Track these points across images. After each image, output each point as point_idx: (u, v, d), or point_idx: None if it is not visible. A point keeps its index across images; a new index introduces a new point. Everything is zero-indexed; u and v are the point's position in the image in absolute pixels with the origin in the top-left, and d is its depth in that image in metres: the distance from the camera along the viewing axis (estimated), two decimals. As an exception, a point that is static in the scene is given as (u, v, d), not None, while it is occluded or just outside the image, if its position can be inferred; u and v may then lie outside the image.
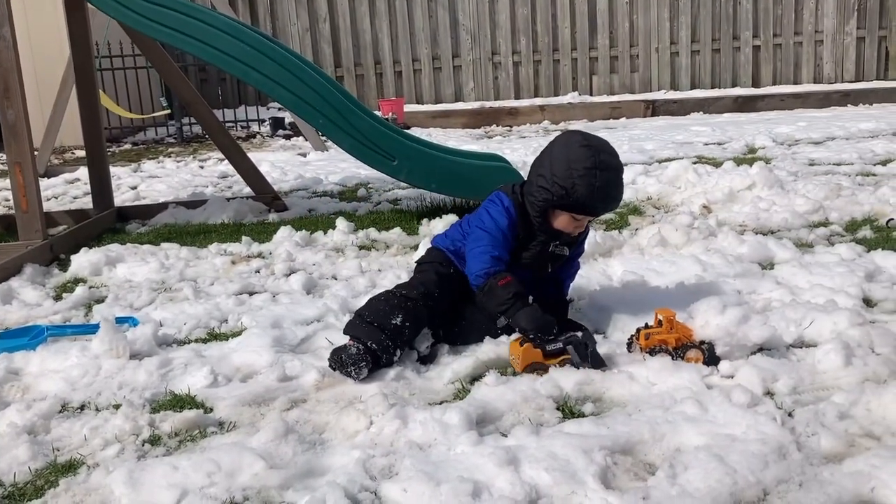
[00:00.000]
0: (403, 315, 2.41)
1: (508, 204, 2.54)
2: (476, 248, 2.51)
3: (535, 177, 2.50)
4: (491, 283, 2.43)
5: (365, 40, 11.42)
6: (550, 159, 2.47)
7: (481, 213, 2.58)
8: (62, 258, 3.91)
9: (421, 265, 2.69)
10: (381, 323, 2.39)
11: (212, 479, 1.83)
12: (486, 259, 2.47)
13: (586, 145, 2.42)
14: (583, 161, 2.38)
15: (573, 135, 2.50)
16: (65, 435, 2.12)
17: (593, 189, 2.38)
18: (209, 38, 4.07)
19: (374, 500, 1.75)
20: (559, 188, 2.41)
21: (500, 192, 2.60)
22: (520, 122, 10.20)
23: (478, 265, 2.47)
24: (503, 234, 2.51)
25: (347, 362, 2.32)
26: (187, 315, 2.98)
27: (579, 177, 2.38)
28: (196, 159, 8.07)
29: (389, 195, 5.41)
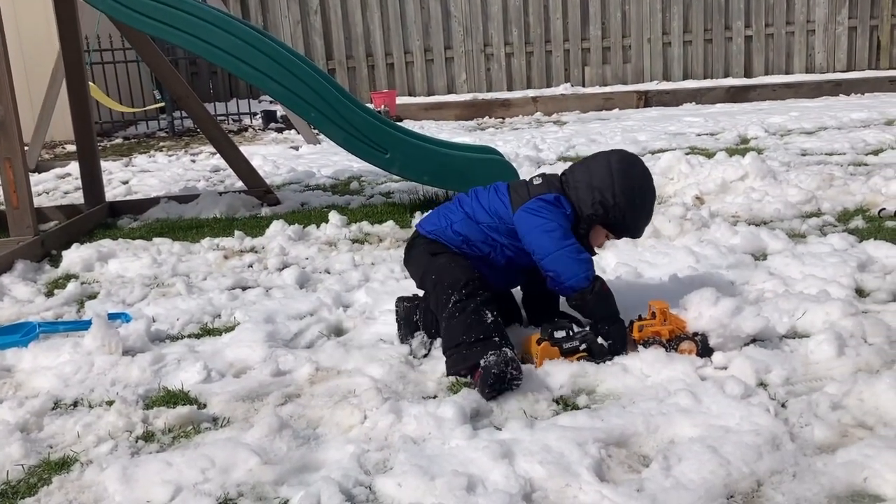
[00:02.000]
0: (484, 305, 2.27)
1: (570, 212, 2.41)
2: (568, 245, 2.33)
3: (591, 189, 2.39)
4: (598, 287, 2.33)
5: (356, 33, 11.38)
6: (613, 178, 2.38)
7: (551, 210, 2.37)
8: (53, 254, 3.90)
9: (438, 255, 2.45)
10: (482, 331, 2.23)
11: (206, 476, 1.83)
12: (587, 259, 2.35)
13: (649, 176, 2.48)
14: (648, 193, 2.45)
15: (637, 161, 2.49)
16: (58, 432, 2.11)
17: (643, 219, 2.49)
18: (199, 32, 4.04)
19: (369, 494, 1.75)
20: (619, 211, 2.39)
21: (561, 197, 2.41)
22: (512, 113, 10.18)
23: (582, 267, 2.32)
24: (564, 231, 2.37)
25: (510, 371, 2.11)
26: (180, 310, 2.97)
27: (640, 205, 2.44)
28: (188, 153, 8.04)
29: (382, 188, 5.40)
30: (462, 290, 2.30)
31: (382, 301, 2.94)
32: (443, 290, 2.35)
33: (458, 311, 2.28)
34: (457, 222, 2.48)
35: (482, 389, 2.11)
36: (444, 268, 2.39)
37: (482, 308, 2.27)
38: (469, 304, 2.28)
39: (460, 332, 2.25)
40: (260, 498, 1.77)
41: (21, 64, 8.70)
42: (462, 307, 2.28)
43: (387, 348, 2.54)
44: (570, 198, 2.43)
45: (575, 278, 2.32)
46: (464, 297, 2.30)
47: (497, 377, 2.10)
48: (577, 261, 2.33)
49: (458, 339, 2.25)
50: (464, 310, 2.28)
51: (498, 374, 2.10)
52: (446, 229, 2.49)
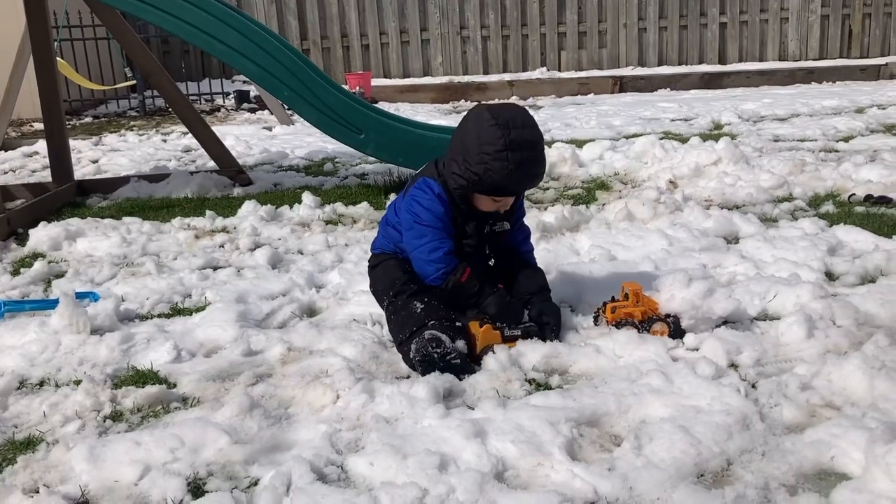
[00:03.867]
0: (417, 300, 2.30)
1: (439, 190, 2.34)
2: (421, 245, 2.34)
3: (449, 160, 2.33)
4: (453, 280, 2.33)
5: (331, 12, 11.27)
6: (462, 142, 2.28)
7: (412, 205, 2.36)
8: (20, 232, 3.82)
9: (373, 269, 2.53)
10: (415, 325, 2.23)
11: (175, 455, 1.80)
12: (439, 257, 2.32)
13: (495, 124, 2.21)
14: (493, 143, 2.20)
15: (482, 113, 2.27)
16: (23, 412, 2.07)
17: (507, 172, 2.22)
18: (171, 8, 3.97)
19: (341, 473, 1.74)
20: (472, 174, 2.25)
21: (426, 179, 2.38)
22: (488, 97, 10.16)
23: (431, 268, 2.33)
24: (443, 222, 2.34)
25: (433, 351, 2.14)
26: (150, 290, 2.93)
27: (492, 160, 2.21)
28: (159, 133, 7.93)
29: (356, 170, 5.36)
30: (390, 292, 2.39)
31: (356, 282, 2.92)
32: (379, 298, 2.48)
33: (392, 312, 2.36)
34: (382, 230, 2.56)
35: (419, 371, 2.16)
36: (376, 278, 2.51)
37: (410, 301, 2.31)
38: (398, 302, 2.34)
39: (397, 330, 2.32)
40: (230, 477, 1.75)
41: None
42: (394, 308, 2.36)
43: (360, 329, 2.52)
44: (444, 174, 2.37)
45: (427, 278, 2.36)
46: (393, 298, 2.37)
47: (422, 361, 2.14)
48: (426, 262, 2.34)
49: (397, 337, 2.31)
50: (395, 310, 2.34)
51: (421, 359, 2.14)
52: (382, 238, 2.55)
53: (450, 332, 2.20)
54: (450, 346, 2.17)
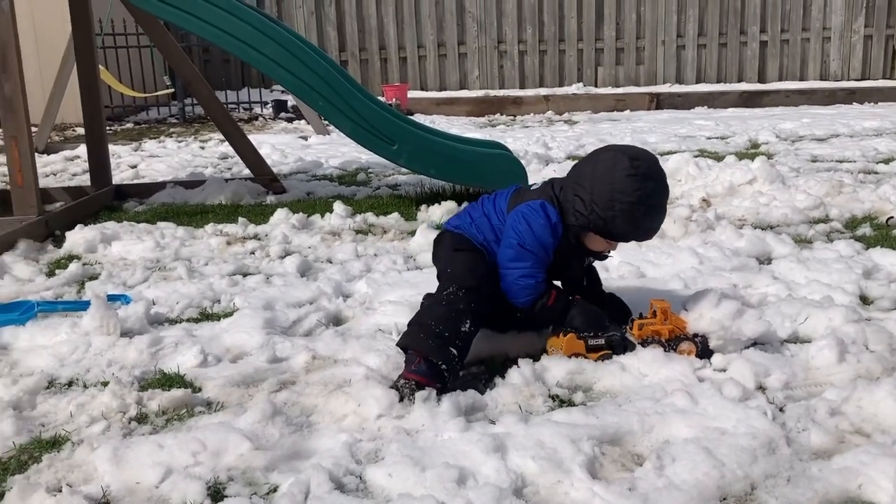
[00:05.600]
0: (471, 318, 2.21)
1: (556, 220, 2.31)
2: (517, 268, 2.31)
3: (572, 196, 2.29)
4: (541, 303, 2.31)
5: (370, 25, 11.37)
6: (593, 180, 2.25)
7: (519, 224, 2.31)
8: (57, 234, 3.90)
9: (460, 251, 2.41)
10: (451, 332, 2.16)
11: (197, 459, 1.81)
12: (531, 285, 2.30)
13: (634, 175, 2.19)
14: (629, 195, 2.19)
15: (621, 158, 2.23)
16: (51, 411, 2.10)
17: (635, 225, 2.25)
18: (210, 17, 4.03)
19: (359, 484, 1.74)
20: (598, 217, 2.24)
21: (546, 203, 2.33)
22: (524, 111, 10.17)
23: (522, 293, 2.31)
24: (545, 251, 2.31)
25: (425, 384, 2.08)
26: (180, 294, 2.96)
27: (621, 211, 2.20)
28: (197, 140, 8.05)
29: (389, 180, 5.39)
30: (461, 290, 2.27)
31: (383, 292, 2.93)
32: (447, 279, 2.34)
33: (445, 301, 2.26)
34: (476, 219, 2.48)
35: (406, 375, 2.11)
36: (459, 264, 2.37)
37: (465, 315, 2.22)
38: (458, 305, 2.24)
39: (433, 316, 2.21)
40: (250, 483, 1.76)
41: (33, 45, 8.74)
42: (451, 300, 2.25)
43: (384, 339, 2.52)
44: (560, 203, 2.35)
45: (515, 300, 2.34)
46: (459, 295, 2.26)
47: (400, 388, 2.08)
48: (519, 287, 2.31)
49: (427, 320, 2.21)
50: (451, 304, 2.24)
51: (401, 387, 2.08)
52: (469, 226, 2.48)
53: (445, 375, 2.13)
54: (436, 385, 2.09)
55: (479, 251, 2.42)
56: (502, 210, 2.44)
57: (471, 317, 2.23)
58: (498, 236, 2.41)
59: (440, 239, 2.55)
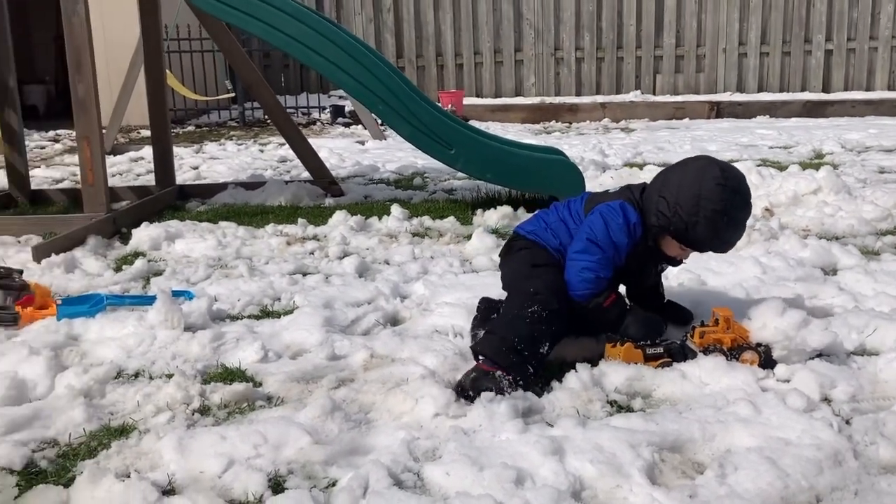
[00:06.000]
0: (550, 341, 2.21)
1: (636, 221, 2.32)
2: (583, 260, 2.31)
3: (657, 197, 2.31)
4: (596, 302, 2.31)
5: (428, 32, 11.45)
6: (681, 184, 2.27)
7: (597, 221, 2.33)
8: (124, 231, 4.01)
9: (539, 267, 2.40)
10: (531, 353, 2.16)
11: (258, 451, 1.85)
12: (591, 279, 2.30)
13: (723, 185, 2.21)
14: (715, 203, 2.21)
15: (711, 167, 2.27)
16: (119, 400, 2.16)
17: (715, 233, 2.26)
18: (275, 21, 4.11)
19: (417, 481, 1.75)
20: (680, 220, 2.25)
21: (626, 204, 2.35)
22: (580, 118, 10.10)
23: (581, 285, 2.31)
24: (616, 251, 2.32)
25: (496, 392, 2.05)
26: (241, 292, 3.02)
27: (705, 217, 2.22)
28: (257, 143, 8.20)
29: (445, 185, 5.42)
30: (545, 311, 2.23)
31: (439, 294, 2.95)
32: (529, 298, 2.28)
33: (529, 320, 2.21)
34: (551, 223, 2.48)
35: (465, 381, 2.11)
36: (543, 283, 2.33)
37: (546, 338, 2.21)
38: (541, 326, 2.21)
39: (517, 334, 2.18)
40: (309, 476, 1.78)
41: (102, 50, 9.00)
42: (535, 320, 2.21)
43: (442, 340, 2.54)
44: (642, 205, 2.36)
45: (573, 290, 2.32)
46: (542, 316, 2.22)
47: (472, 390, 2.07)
48: (580, 278, 2.31)
49: (511, 336, 2.17)
50: (534, 324, 2.21)
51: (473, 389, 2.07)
52: (545, 230, 2.48)
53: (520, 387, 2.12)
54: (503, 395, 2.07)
55: (558, 266, 2.40)
56: (579, 214, 2.45)
57: (550, 340, 2.22)
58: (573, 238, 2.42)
59: (512, 246, 2.53)
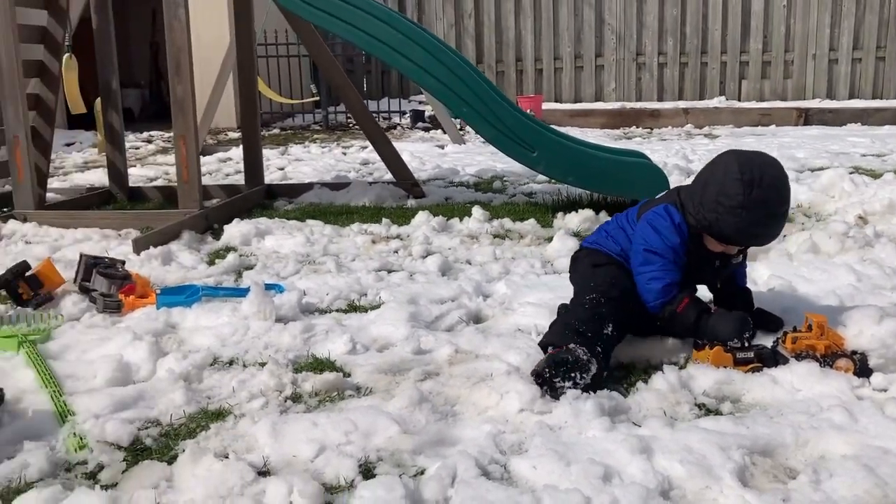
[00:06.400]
0: (614, 323, 2.25)
1: (680, 220, 2.37)
2: (645, 272, 2.37)
3: (688, 196, 2.39)
4: (669, 310, 2.34)
5: (508, 37, 11.47)
6: (704, 183, 2.33)
7: (646, 230, 2.40)
8: (216, 227, 4.17)
9: (599, 266, 2.50)
10: (594, 332, 2.20)
11: (348, 438, 1.90)
12: (659, 289, 2.34)
13: (739, 179, 2.23)
14: (731, 198, 2.23)
15: (732, 162, 2.28)
16: (215, 385, 2.26)
17: (738, 229, 2.27)
18: (363, 24, 4.20)
19: (504, 473, 1.77)
20: (703, 218, 2.31)
21: (669, 206, 2.41)
22: (661, 124, 9.95)
23: (651, 296, 2.36)
24: (674, 253, 2.36)
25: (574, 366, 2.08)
26: (329, 286, 3.10)
27: (725, 213, 2.25)
28: (339, 146, 8.38)
29: (525, 188, 5.43)
30: (603, 297, 2.33)
31: (522, 293, 2.96)
32: (589, 291, 2.38)
33: (588, 305, 2.32)
34: (612, 232, 2.56)
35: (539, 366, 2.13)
36: (600, 276, 2.45)
37: (608, 319, 2.26)
38: (601, 309, 2.29)
39: (576, 317, 2.28)
40: (398, 464, 1.82)
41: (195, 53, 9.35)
42: (593, 305, 2.31)
43: (524, 338, 2.55)
44: (684, 206, 2.40)
45: (647, 303, 2.38)
46: (601, 301, 2.32)
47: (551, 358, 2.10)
48: (646, 290, 2.37)
49: (570, 320, 2.28)
50: (593, 307, 2.30)
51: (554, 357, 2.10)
52: (606, 239, 2.56)
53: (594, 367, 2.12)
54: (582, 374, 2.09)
55: (619, 264, 2.48)
56: (634, 220, 2.51)
57: (613, 321, 2.26)
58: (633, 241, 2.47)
59: (577, 257, 2.64)
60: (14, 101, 4.07)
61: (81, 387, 2.23)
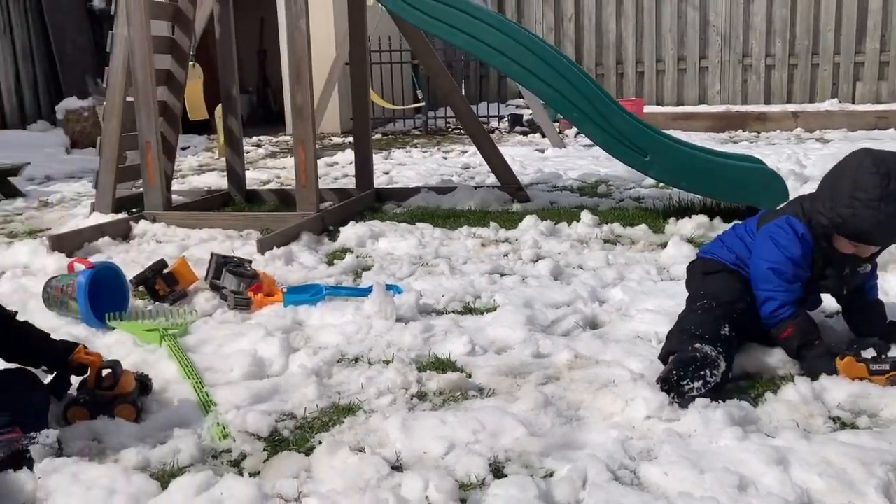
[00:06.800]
0: (730, 325, 2.26)
1: (803, 231, 2.33)
2: (763, 291, 2.34)
3: (816, 199, 2.33)
4: (774, 333, 2.33)
5: (608, 40, 11.36)
6: (834, 181, 2.27)
7: (766, 244, 2.37)
8: (331, 229, 4.30)
9: (710, 274, 2.52)
10: (711, 335, 2.21)
11: (476, 437, 1.94)
12: (770, 312, 2.32)
13: (875, 172, 2.16)
14: (868, 192, 2.16)
15: (865, 158, 2.22)
16: (344, 381, 2.34)
17: (876, 223, 2.18)
18: (474, 31, 4.25)
19: (634, 479, 1.78)
20: (836, 216, 2.23)
21: (790, 218, 2.37)
22: (769, 128, 9.63)
23: (763, 315, 2.34)
24: (795, 266, 2.32)
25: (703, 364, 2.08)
26: (444, 288, 3.16)
27: (861, 208, 2.17)
28: (440, 150, 8.48)
29: (632, 193, 5.36)
30: (714, 301, 2.35)
31: (639, 300, 2.94)
32: (699, 297, 2.42)
33: (701, 310, 2.33)
34: (728, 242, 2.56)
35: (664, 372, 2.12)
36: (712, 284, 2.47)
37: (723, 320, 2.27)
38: (715, 312, 2.30)
39: (691, 322, 2.29)
40: (526, 465, 1.85)
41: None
42: (706, 309, 2.33)
43: (645, 345, 2.54)
44: (808, 212, 2.35)
45: (762, 318, 2.35)
46: (713, 305, 2.33)
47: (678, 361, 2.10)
48: (760, 305, 2.35)
49: (686, 325, 2.29)
50: (706, 311, 2.31)
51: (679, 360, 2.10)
52: (721, 248, 2.57)
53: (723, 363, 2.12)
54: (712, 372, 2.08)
55: (731, 271, 2.47)
56: (753, 230, 2.49)
57: (729, 322, 2.27)
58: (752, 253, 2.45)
59: (692, 267, 2.66)
60: (147, 109, 4.31)
61: (220, 379, 2.35)
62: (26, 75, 10.14)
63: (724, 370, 2.11)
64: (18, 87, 10.03)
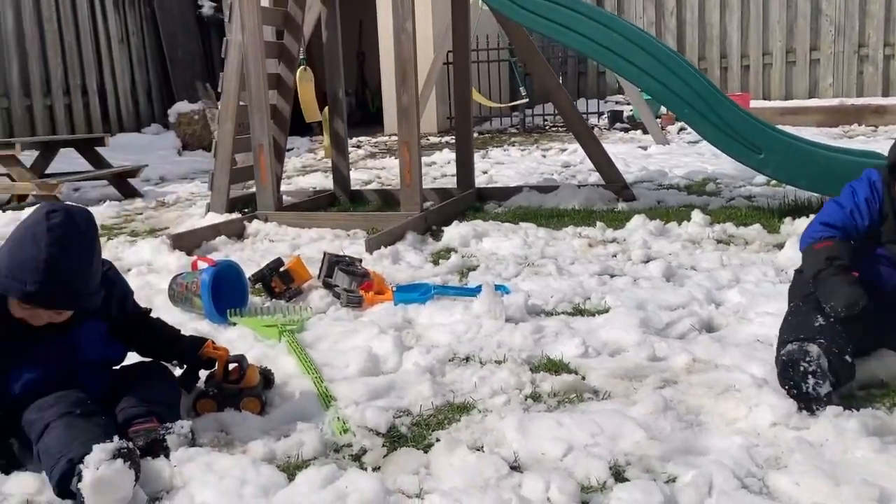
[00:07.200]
0: (822, 315, 2.15)
1: (876, 178, 2.33)
2: (815, 219, 2.36)
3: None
4: (808, 247, 2.29)
5: (711, 34, 11.04)
6: None
7: (844, 188, 2.40)
8: (434, 229, 4.34)
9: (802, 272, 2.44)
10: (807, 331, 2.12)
11: (595, 440, 1.92)
12: (815, 226, 2.32)
13: None
14: None
15: None
16: (457, 380, 2.35)
17: None
18: (584, 29, 4.20)
19: (763, 487, 1.72)
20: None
21: (870, 169, 2.39)
22: (887, 121, 9.14)
23: (806, 232, 2.34)
24: (854, 204, 2.31)
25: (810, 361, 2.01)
26: (552, 289, 3.14)
27: None
28: (538, 149, 8.43)
29: (742, 191, 5.19)
30: (800, 302, 2.28)
31: (758, 303, 2.85)
32: (792, 298, 2.37)
33: (791, 315, 2.27)
34: None
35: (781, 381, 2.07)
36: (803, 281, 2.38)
37: (813, 310, 2.18)
38: (803, 308, 2.24)
39: (784, 331, 2.22)
40: (647, 470, 1.81)
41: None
42: (796, 311, 2.27)
43: (765, 349, 2.44)
44: None
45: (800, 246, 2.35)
46: (799, 307, 2.27)
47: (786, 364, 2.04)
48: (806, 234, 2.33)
49: (782, 336, 2.21)
50: (796, 313, 2.26)
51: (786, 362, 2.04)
52: None
53: (830, 358, 2.03)
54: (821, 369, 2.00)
55: None
56: None
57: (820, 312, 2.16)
58: None
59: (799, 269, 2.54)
60: (259, 112, 4.46)
61: (337, 375, 2.41)
62: (141, 80, 10.67)
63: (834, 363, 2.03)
64: (134, 91, 10.56)
